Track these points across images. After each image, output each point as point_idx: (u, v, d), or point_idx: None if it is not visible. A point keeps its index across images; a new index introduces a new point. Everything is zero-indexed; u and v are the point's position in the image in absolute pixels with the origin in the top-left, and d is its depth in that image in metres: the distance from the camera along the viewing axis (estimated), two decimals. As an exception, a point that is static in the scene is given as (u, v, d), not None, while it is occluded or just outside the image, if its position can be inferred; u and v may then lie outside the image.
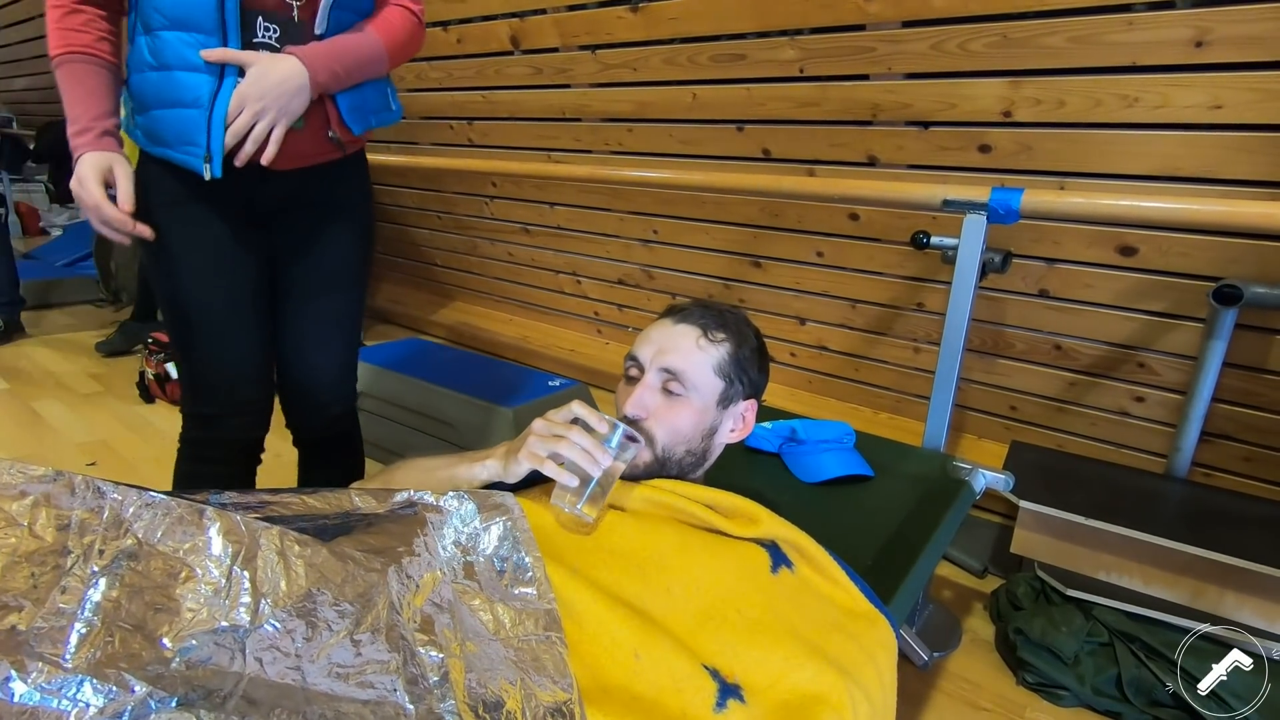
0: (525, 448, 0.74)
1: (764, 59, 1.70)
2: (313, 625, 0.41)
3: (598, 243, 2.50)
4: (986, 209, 1.19)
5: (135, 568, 0.38)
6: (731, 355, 0.85)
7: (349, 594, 0.44)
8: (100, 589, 0.36)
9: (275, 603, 0.41)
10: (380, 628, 0.44)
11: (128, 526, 0.39)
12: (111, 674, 0.32)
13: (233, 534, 0.42)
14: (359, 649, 0.42)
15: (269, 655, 0.38)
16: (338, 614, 0.42)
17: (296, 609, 0.41)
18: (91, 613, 0.35)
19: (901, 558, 0.96)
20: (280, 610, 0.41)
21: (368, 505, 0.62)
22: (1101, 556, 1.32)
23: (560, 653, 0.59)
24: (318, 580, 0.43)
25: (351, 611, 0.43)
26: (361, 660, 0.41)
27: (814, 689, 0.65)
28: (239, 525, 0.42)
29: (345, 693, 0.39)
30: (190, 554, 0.40)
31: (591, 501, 0.71)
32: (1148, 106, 1.31)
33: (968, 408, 1.93)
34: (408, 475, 0.80)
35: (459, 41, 2.31)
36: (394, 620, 0.45)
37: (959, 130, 1.55)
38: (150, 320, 2.86)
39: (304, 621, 0.41)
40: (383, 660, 0.42)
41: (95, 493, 0.38)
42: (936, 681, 1.27)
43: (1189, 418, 1.48)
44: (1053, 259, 1.60)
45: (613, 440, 0.72)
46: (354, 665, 0.41)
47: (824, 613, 0.73)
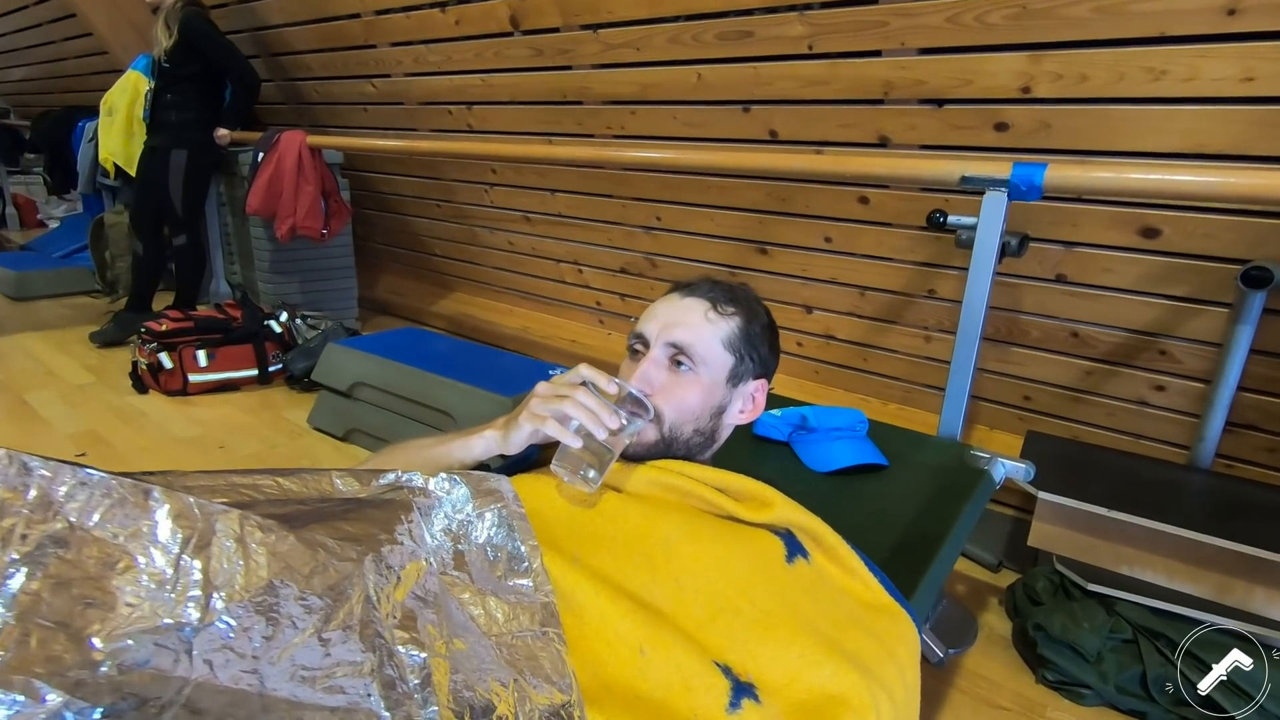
0: (527, 409, 0.70)
1: (772, 35, 1.65)
2: (274, 622, 0.36)
3: (600, 230, 2.44)
4: (1008, 185, 1.13)
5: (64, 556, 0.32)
6: (741, 330, 0.80)
7: (318, 586, 0.39)
8: (18, 580, 0.31)
9: (230, 596, 0.36)
10: (353, 624, 0.39)
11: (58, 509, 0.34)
12: (18, 681, 0.27)
13: (184, 518, 0.37)
14: (328, 649, 0.37)
15: (221, 657, 0.33)
16: (304, 609, 0.37)
17: (256, 604, 0.36)
18: (4, 608, 0.30)
19: (921, 550, 0.90)
20: (236, 605, 0.35)
21: (350, 488, 0.57)
22: (1123, 550, 1.27)
23: (558, 650, 0.54)
24: (281, 571, 0.38)
25: (320, 606, 0.38)
26: (330, 661, 0.36)
27: (833, 689, 0.60)
28: (192, 508, 0.37)
29: (310, 699, 0.34)
30: (131, 540, 0.35)
31: (595, 467, 0.67)
32: (1176, 79, 1.25)
33: (980, 398, 1.87)
34: (396, 456, 0.75)
35: (457, 23, 2.25)
36: (370, 616, 0.40)
37: (975, 108, 1.49)
38: (145, 311, 2.82)
39: (264, 618, 0.36)
40: (355, 661, 0.37)
41: (20, 469, 0.33)
42: (952, 679, 1.22)
43: (1214, 406, 1.43)
44: (1071, 242, 1.54)
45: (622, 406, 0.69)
46: (321, 667, 0.36)
47: (842, 607, 0.68)
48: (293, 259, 2.93)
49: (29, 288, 3.52)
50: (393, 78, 2.63)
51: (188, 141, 2.70)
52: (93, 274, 3.58)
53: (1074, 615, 1.22)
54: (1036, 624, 1.24)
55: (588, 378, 0.71)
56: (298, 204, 2.57)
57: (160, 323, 2.33)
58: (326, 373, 2.05)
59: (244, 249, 3.07)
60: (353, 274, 3.11)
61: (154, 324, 2.32)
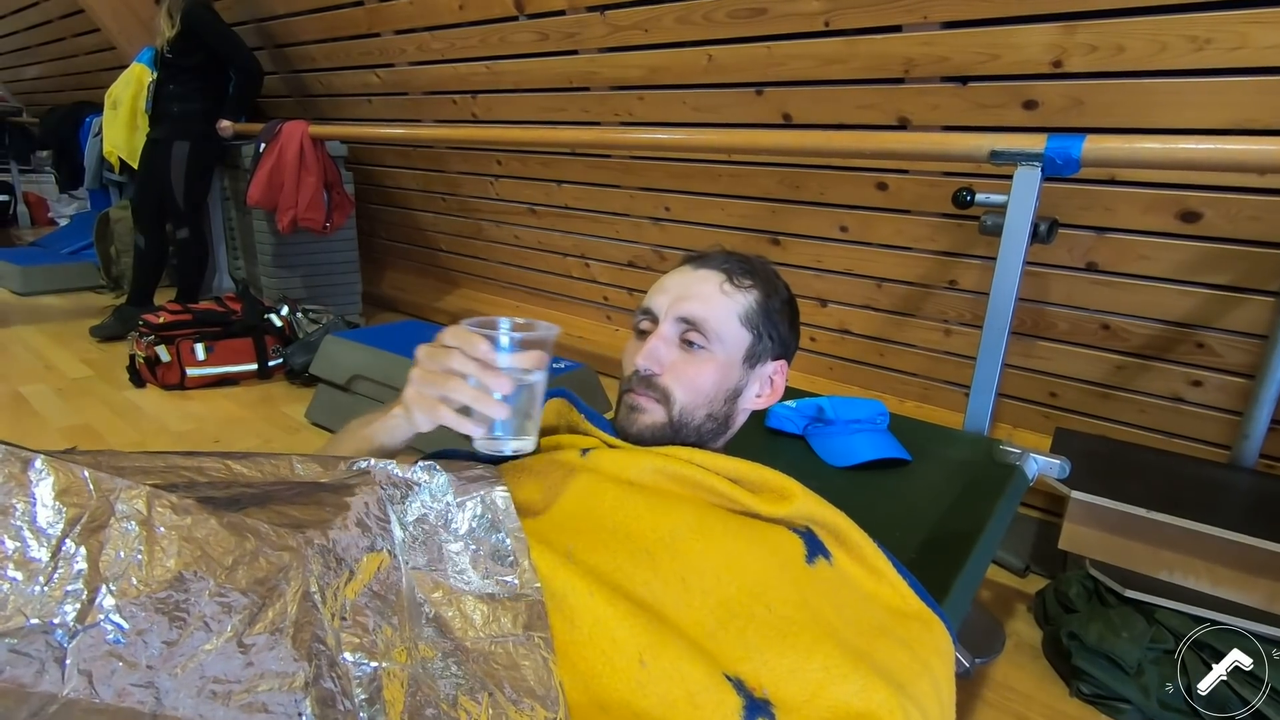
0: (413, 393, 0.57)
1: (786, 12, 1.57)
2: (180, 623, 0.29)
3: (607, 222, 2.37)
4: (1042, 159, 1.05)
5: (-97, 538, 0.26)
6: (760, 304, 0.73)
7: (243, 580, 0.32)
8: None
9: (124, 591, 0.29)
10: (284, 627, 0.32)
11: (-95, 481, 0.27)
12: None
13: (72, 493, 0.30)
14: (249, 656, 0.30)
15: (104, 666, 0.26)
16: (221, 607, 0.30)
17: (157, 601, 0.29)
18: None
19: (951, 552, 0.83)
20: (130, 602, 0.29)
21: (311, 473, 0.50)
22: (1163, 553, 1.18)
23: (544, 657, 0.47)
24: (196, 560, 0.31)
25: (244, 604, 0.31)
26: (252, 673, 0.29)
27: (861, 705, 0.52)
28: (85, 483, 0.30)
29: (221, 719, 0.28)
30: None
31: (516, 433, 0.57)
32: (1221, 49, 1.16)
33: (1004, 394, 1.79)
34: (344, 441, 0.65)
35: (461, 8, 2.19)
36: (308, 617, 0.33)
37: (1002, 85, 1.41)
38: (146, 305, 2.77)
39: (166, 618, 0.29)
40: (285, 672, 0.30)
41: None
42: (980, 691, 1.14)
43: (1258, 402, 1.34)
44: (1103, 228, 1.46)
45: (502, 347, 0.56)
46: (240, 680, 0.29)
47: (870, 613, 0.61)
48: (296, 253, 2.88)
49: (34, 283, 3.50)
50: (396, 67, 2.58)
51: (190, 133, 2.66)
52: (98, 269, 3.55)
53: (1111, 623, 1.13)
54: (1071, 632, 1.16)
55: (451, 344, 0.56)
56: (299, 195, 2.52)
57: (158, 315, 2.28)
58: (325, 365, 1.99)
59: (247, 243, 3.03)
60: (356, 269, 3.06)
61: (152, 317, 2.28)
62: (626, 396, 0.72)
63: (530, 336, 0.57)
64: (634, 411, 0.70)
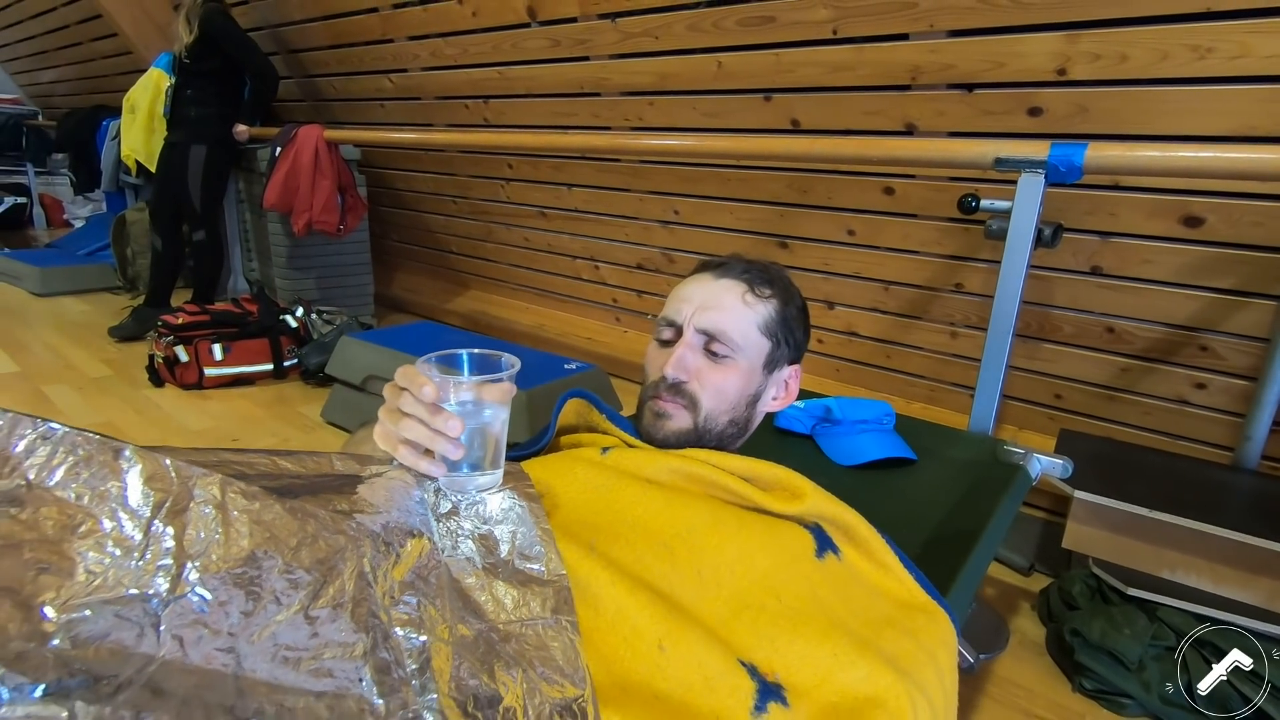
0: (380, 431, 0.56)
1: (794, 20, 1.60)
2: (255, 597, 0.32)
3: (616, 225, 2.41)
4: (1045, 166, 1.08)
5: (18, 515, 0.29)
6: (778, 313, 0.76)
7: (306, 559, 0.35)
8: (-41, 541, 0.27)
9: (206, 567, 0.32)
10: (344, 602, 0.35)
11: (16, 464, 0.30)
12: (-57, 649, 0.24)
13: (158, 480, 0.33)
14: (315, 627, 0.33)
15: (192, 633, 0.30)
16: (289, 583, 0.34)
17: (234, 576, 0.32)
18: (-60, 569, 0.26)
19: (955, 548, 0.85)
20: (212, 577, 0.32)
21: (349, 468, 0.53)
22: (1165, 553, 1.21)
23: (571, 639, 0.50)
24: (265, 541, 0.34)
25: (308, 581, 0.34)
26: (318, 642, 0.33)
27: (868, 691, 0.55)
28: (168, 470, 0.34)
29: (294, 682, 0.31)
30: (96, 502, 0.31)
31: (476, 470, 0.56)
32: (1223, 58, 1.19)
33: (1009, 396, 1.81)
34: (360, 448, 0.64)
35: (474, 15, 2.23)
36: (364, 594, 0.36)
37: (1007, 92, 1.43)
38: (163, 306, 2.82)
39: (243, 591, 0.32)
40: (346, 642, 0.33)
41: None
42: (984, 686, 1.17)
43: (1260, 404, 1.36)
44: (1108, 232, 1.48)
45: (459, 381, 0.54)
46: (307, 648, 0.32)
47: (877, 605, 0.64)
48: (310, 255, 2.92)
49: (52, 284, 3.55)
50: (409, 72, 2.62)
51: (207, 137, 2.70)
52: (114, 270, 3.61)
53: (1113, 620, 1.16)
54: (1073, 629, 1.18)
55: (401, 384, 0.55)
56: (314, 198, 2.57)
57: (176, 316, 2.33)
58: (340, 366, 2.03)
59: (262, 245, 3.08)
60: (369, 271, 3.11)
61: (170, 318, 2.32)
62: (652, 403, 0.75)
63: (485, 378, 0.56)
64: (660, 418, 0.73)
